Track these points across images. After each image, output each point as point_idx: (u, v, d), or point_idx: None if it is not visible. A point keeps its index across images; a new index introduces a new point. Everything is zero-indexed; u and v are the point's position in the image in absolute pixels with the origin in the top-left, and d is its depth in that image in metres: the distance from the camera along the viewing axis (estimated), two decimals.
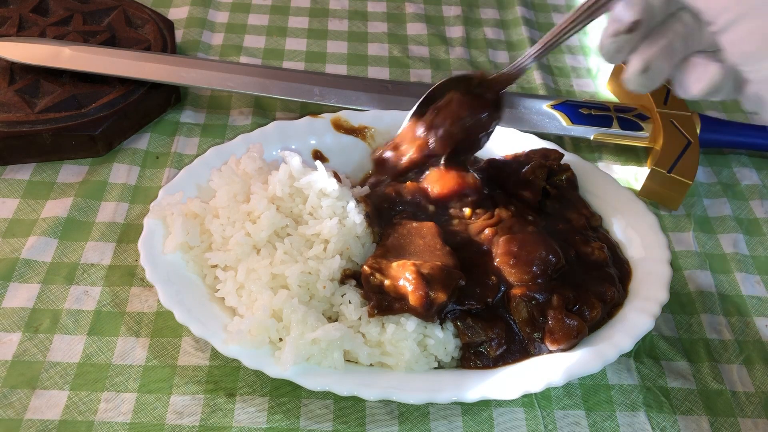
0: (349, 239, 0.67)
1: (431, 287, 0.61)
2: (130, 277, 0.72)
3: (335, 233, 0.66)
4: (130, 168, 0.82)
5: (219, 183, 0.71)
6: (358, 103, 0.87)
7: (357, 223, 0.67)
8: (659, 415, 0.65)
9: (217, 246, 0.68)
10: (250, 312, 0.62)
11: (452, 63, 1.03)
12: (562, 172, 0.77)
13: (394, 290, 0.62)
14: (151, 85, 0.86)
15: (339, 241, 0.66)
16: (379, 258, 0.65)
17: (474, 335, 0.63)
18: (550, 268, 0.65)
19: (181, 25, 1.03)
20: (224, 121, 0.90)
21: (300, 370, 0.60)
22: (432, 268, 0.62)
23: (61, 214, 0.76)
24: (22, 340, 0.65)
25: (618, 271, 0.69)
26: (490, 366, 0.63)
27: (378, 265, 0.64)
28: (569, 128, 0.88)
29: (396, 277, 0.62)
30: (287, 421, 0.62)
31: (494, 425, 0.63)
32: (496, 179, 0.75)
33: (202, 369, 0.65)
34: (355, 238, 0.68)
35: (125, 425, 0.60)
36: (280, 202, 0.69)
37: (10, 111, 0.80)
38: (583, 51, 1.08)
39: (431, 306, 0.61)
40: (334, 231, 0.66)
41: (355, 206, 0.68)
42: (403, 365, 0.62)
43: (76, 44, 0.87)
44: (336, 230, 0.66)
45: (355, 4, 1.13)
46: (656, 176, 0.83)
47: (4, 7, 0.95)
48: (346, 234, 0.67)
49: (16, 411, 0.61)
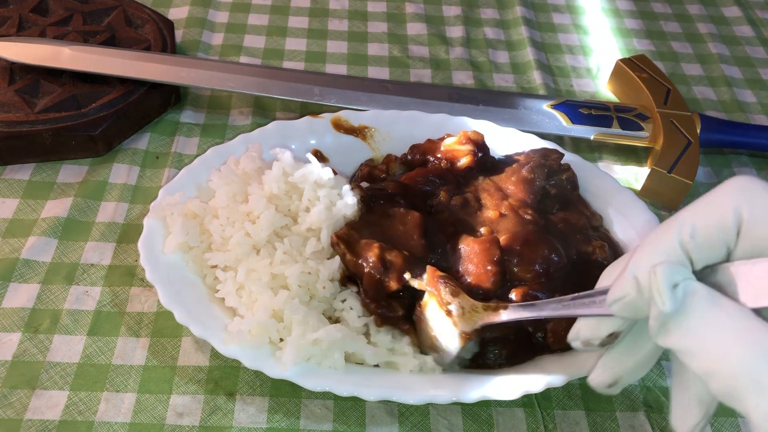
0: (340, 221, 0.67)
1: (387, 274, 0.62)
2: (130, 277, 0.72)
3: (324, 218, 0.66)
4: (130, 168, 0.82)
5: (218, 183, 0.71)
6: (358, 103, 0.87)
7: (349, 204, 0.67)
8: (659, 415, 0.65)
9: (217, 246, 0.68)
10: (251, 312, 0.62)
11: (452, 63, 1.03)
12: (563, 172, 0.77)
13: (353, 266, 0.64)
14: (151, 85, 0.86)
15: (330, 226, 0.66)
16: (353, 231, 0.66)
17: None
18: (552, 267, 0.65)
19: (181, 25, 1.03)
20: (224, 121, 0.90)
21: (300, 370, 0.60)
22: (396, 256, 0.63)
23: (61, 214, 0.76)
24: (22, 340, 0.65)
25: None
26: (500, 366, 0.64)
27: (347, 237, 0.65)
28: (569, 128, 0.88)
29: (359, 254, 0.64)
30: (287, 421, 0.62)
31: (494, 425, 0.63)
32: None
33: (202, 369, 0.65)
34: (345, 219, 0.68)
35: (125, 425, 0.60)
36: (278, 201, 0.69)
37: (9, 111, 0.80)
38: (583, 51, 1.08)
39: (379, 292, 0.63)
40: (322, 216, 0.66)
41: (350, 189, 0.69)
42: (410, 368, 0.62)
43: (76, 44, 0.87)
44: (324, 215, 0.66)
45: (355, 4, 1.13)
46: (656, 176, 0.83)
47: (3, 7, 0.95)
48: (336, 215, 0.67)
49: (15, 411, 0.61)
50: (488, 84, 1.01)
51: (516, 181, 0.74)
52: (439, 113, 0.83)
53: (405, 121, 0.82)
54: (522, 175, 0.74)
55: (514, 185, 0.73)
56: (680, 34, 1.14)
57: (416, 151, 0.78)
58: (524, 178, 0.73)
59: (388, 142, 0.82)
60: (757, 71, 1.07)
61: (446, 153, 0.77)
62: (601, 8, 1.17)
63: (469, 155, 0.75)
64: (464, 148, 0.76)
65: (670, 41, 1.12)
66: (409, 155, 0.79)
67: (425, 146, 0.78)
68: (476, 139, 0.77)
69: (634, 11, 1.17)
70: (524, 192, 0.72)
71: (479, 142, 0.77)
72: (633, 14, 1.17)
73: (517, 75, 1.02)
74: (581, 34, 1.11)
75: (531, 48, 1.05)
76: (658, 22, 1.16)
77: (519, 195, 0.72)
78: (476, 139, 0.77)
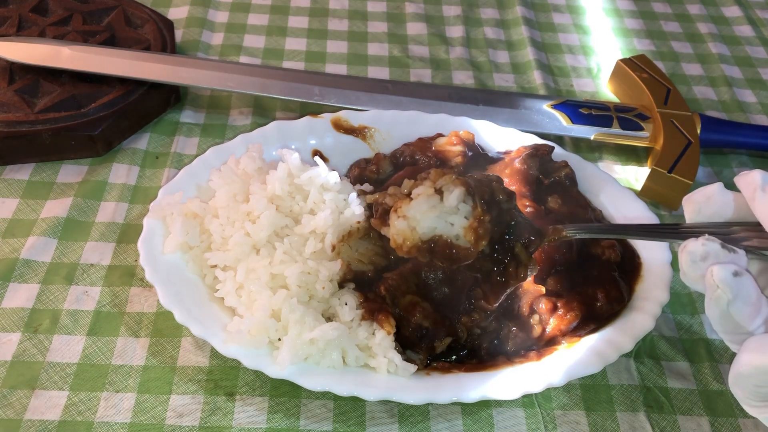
0: (346, 229, 0.67)
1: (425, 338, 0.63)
2: (130, 277, 0.72)
3: (330, 224, 0.66)
4: (129, 168, 0.82)
5: (218, 183, 0.71)
6: (358, 103, 0.87)
7: (357, 213, 0.67)
8: (659, 415, 0.65)
9: (217, 246, 0.68)
10: (250, 312, 0.62)
11: (452, 63, 1.03)
12: (560, 168, 0.77)
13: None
14: (150, 85, 0.86)
15: (335, 233, 0.66)
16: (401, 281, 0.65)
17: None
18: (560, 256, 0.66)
19: (181, 24, 1.03)
20: (224, 121, 0.90)
21: (299, 370, 0.60)
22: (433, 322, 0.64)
23: (60, 214, 0.76)
24: (22, 340, 0.65)
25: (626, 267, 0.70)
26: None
27: (394, 290, 0.65)
28: (569, 128, 0.88)
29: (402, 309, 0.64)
30: (287, 421, 0.62)
31: (494, 425, 0.63)
32: None
33: (201, 369, 0.65)
34: (353, 230, 0.68)
35: (125, 425, 0.60)
36: (280, 201, 0.69)
37: (9, 111, 0.80)
38: (583, 51, 1.08)
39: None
40: (329, 222, 0.66)
41: (356, 197, 0.69)
42: (385, 369, 0.62)
43: (76, 44, 0.87)
44: (330, 221, 0.66)
45: (355, 4, 1.13)
46: (656, 176, 0.83)
47: (3, 7, 0.94)
48: (343, 224, 0.67)
49: (15, 411, 0.60)
50: (488, 84, 1.00)
51: (510, 173, 0.74)
52: (439, 113, 0.83)
53: (405, 121, 0.82)
54: (515, 166, 0.74)
55: (509, 177, 0.73)
56: (680, 34, 1.14)
57: (407, 149, 0.79)
58: (518, 170, 0.74)
59: (389, 142, 0.81)
60: (757, 71, 1.07)
61: (437, 153, 0.77)
62: (602, 8, 1.17)
63: (460, 156, 0.76)
64: (456, 149, 0.76)
65: (671, 41, 1.12)
66: (399, 154, 0.79)
67: (416, 145, 0.78)
68: (467, 139, 0.77)
69: (634, 11, 1.17)
70: (519, 182, 0.73)
71: (470, 142, 0.77)
72: (633, 14, 1.16)
73: (517, 75, 1.02)
74: (581, 34, 1.11)
75: (531, 48, 1.05)
76: (659, 22, 1.15)
77: (514, 186, 0.72)
78: (467, 139, 0.77)
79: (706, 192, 0.52)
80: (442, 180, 0.60)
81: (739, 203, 0.51)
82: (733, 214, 0.51)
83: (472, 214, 0.59)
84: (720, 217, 0.52)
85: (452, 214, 0.59)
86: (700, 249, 0.47)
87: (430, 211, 0.59)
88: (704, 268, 0.46)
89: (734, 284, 0.45)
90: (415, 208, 0.60)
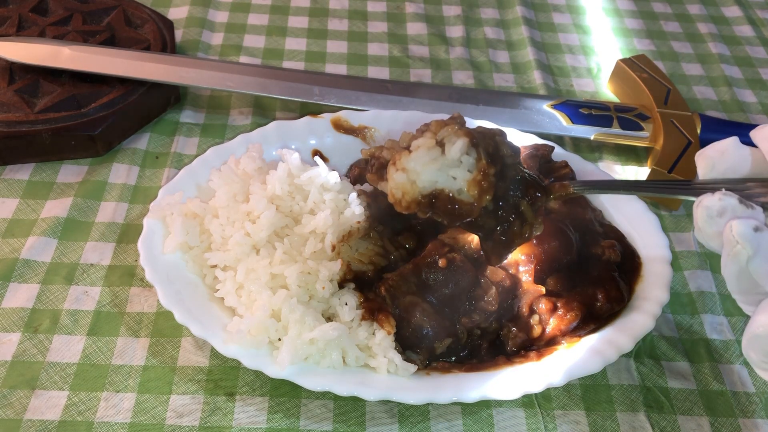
0: (346, 229, 0.67)
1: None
2: (130, 277, 0.72)
3: (330, 224, 0.66)
4: (129, 168, 0.82)
5: (218, 183, 0.71)
6: (358, 103, 0.87)
7: (357, 213, 0.67)
8: (659, 415, 0.65)
9: (217, 246, 0.68)
10: (250, 312, 0.62)
11: (452, 63, 1.03)
12: (560, 168, 0.77)
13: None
14: (150, 85, 0.86)
15: (335, 233, 0.66)
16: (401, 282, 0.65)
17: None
18: (561, 255, 0.66)
19: (181, 24, 1.03)
20: (224, 121, 0.90)
21: (299, 370, 0.60)
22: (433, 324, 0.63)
23: (60, 214, 0.76)
24: (22, 340, 0.65)
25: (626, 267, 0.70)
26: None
27: (393, 290, 0.64)
28: (569, 128, 0.88)
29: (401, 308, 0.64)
30: (287, 421, 0.62)
31: (494, 425, 0.63)
32: None
33: (201, 369, 0.65)
34: (354, 230, 0.67)
35: (125, 425, 0.60)
36: (280, 201, 0.69)
37: (9, 111, 0.80)
38: (583, 51, 1.08)
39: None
40: (329, 222, 0.66)
41: (356, 197, 0.69)
42: (385, 369, 0.62)
43: (76, 44, 0.87)
44: (330, 221, 0.66)
45: (355, 4, 1.13)
46: (657, 176, 0.83)
47: (3, 7, 0.94)
48: (343, 224, 0.67)
49: (15, 411, 0.61)
50: (488, 84, 1.00)
51: None
52: (439, 113, 0.83)
53: (405, 121, 0.82)
54: None
55: None
56: (680, 33, 1.14)
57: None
58: None
59: None
60: (757, 71, 1.07)
61: None
62: (602, 8, 1.17)
63: None
64: None
65: (671, 41, 1.12)
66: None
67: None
68: None
69: (634, 11, 1.17)
70: None
71: None
72: (633, 14, 1.16)
73: (517, 75, 1.02)
74: (581, 34, 1.11)
75: (531, 48, 1.05)
76: (659, 22, 1.15)
77: None
78: None
79: (720, 146, 0.50)
80: (444, 131, 0.57)
81: (756, 158, 0.49)
82: (749, 170, 0.49)
83: (476, 167, 0.56)
84: (735, 172, 0.50)
85: (454, 167, 0.56)
86: (717, 204, 0.45)
87: (431, 163, 0.56)
88: (721, 224, 0.45)
89: (755, 240, 0.43)
90: (415, 161, 0.57)
